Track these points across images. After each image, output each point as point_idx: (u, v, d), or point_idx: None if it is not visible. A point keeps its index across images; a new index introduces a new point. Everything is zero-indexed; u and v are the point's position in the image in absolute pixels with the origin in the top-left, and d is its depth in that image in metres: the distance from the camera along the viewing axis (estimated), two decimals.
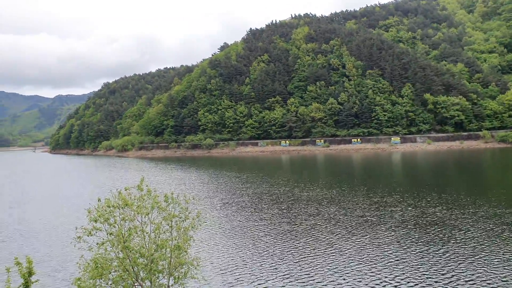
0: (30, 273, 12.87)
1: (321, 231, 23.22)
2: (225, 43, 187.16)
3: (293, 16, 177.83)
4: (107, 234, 10.84)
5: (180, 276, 11.63)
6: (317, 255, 19.22)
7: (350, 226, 24.07)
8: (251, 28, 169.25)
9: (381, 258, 18.34)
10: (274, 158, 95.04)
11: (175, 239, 11.74)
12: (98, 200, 11.19)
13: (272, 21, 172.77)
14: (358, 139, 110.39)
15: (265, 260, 18.86)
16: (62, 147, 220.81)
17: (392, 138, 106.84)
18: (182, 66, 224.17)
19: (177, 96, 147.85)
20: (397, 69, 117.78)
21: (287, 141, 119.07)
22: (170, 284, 11.50)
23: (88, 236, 10.65)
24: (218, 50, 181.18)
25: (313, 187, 39.88)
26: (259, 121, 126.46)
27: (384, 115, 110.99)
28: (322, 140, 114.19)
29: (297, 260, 18.68)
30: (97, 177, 65.25)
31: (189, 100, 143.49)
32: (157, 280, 11.39)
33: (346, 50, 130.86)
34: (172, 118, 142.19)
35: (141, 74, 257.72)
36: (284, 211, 29.17)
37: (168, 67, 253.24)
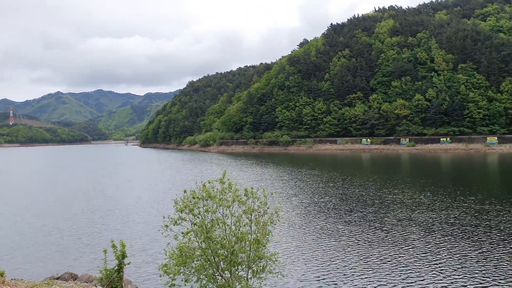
0: (123, 256, 13.99)
1: (414, 239, 21.19)
2: (304, 39, 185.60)
3: (377, 9, 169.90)
4: (191, 224, 11.27)
5: (258, 270, 11.67)
6: (414, 266, 17.41)
7: (448, 235, 21.55)
8: (332, 23, 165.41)
9: (492, 278, 15.90)
10: (354, 157, 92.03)
11: (254, 233, 11.79)
12: (184, 192, 11.68)
13: (354, 15, 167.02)
14: (448, 139, 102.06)
15: (348, 265, 17.92)
16: (150, 141, 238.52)
17: (488, 138, 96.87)
18: (261, 64, 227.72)
19: (255, 93, 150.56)
20: (495, 62, 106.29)
21: (368, 139, 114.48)
22: (249, 277, 11.61)
23: (174, 225, 11.18)
24: (298, 46, 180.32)
25: (401, 189, 37.30)
26: (338, 118, 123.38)
27: (479, 112, 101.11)
28: (407, 139, 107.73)
29: (385, 268, 17.23)
30: (184, 169, 69.25)
31: (267, 97, 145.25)
32: (237, 272, 11.56)
33: (435, 43, 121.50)
34: (251, 115, 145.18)
35: (223, 72, 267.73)
36: (370, 214, 27.49)
37: (248, 65, 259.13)
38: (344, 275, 16.65)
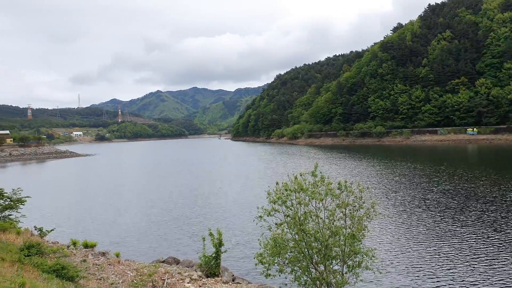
0: (220, 243, 14.64)
1: None
2: (398, 23, 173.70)
3: None
4: (284, 216, 11.32)
5: (354, 265, 11.32)
6: None
7: None
8: (429, 4, 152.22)
9: None
10: (458, 149, 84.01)
11: (349, 228, 11.43)
12: (276, 183, 11.76)
13: None
14: None
15: (463, 272, 15.98)
16: (241, 134, 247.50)
17: None
18: (351, 52, 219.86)
19: (346, 83, 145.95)
20: None
21: (474, 129, 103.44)
22: (344, 272, 11.30)
23: (267, 216, 11.33)
24: (391, 31, 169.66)
25: None
26: (439, 106, 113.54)
27: None
28: None
29: (495, 275, 15.24)
30: (274, 162, 70.42)
31: (358, 87, 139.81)
32: (331, 266, 11.34)
33: None
34: (341, 106, 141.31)
35: (311, 63, 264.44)
36: (487, 214, 24.33)
37: (337, 55, 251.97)
38: (455, 283, 14.96)
